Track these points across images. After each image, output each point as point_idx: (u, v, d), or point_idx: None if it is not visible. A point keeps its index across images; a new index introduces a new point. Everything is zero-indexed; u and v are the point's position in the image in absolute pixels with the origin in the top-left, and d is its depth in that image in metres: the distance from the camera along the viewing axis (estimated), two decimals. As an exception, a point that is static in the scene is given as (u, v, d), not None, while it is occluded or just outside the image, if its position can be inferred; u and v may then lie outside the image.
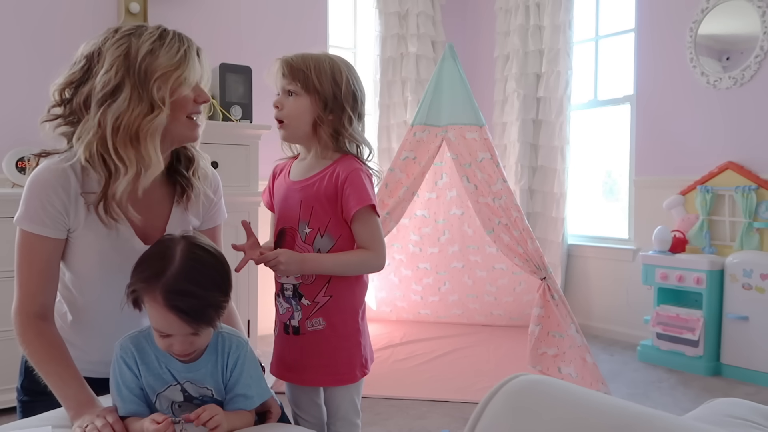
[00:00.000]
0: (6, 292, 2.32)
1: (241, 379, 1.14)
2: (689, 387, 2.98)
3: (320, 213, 1.33)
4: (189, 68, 1.20)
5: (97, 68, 1.16)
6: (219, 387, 1.15)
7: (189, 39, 1.23)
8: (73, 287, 1.27)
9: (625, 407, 0.65)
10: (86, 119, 1.16)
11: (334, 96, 1.33)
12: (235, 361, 1.14)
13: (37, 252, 1.18)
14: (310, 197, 1.33)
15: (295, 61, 1.33)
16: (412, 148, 3.18)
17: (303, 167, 1.40)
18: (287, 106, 1.34)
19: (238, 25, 3.73)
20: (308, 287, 1.35)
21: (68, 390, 1.13)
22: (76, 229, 1.20)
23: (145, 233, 1.26)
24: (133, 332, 1.15)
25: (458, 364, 3.26)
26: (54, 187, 1.16)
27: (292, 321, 1.37)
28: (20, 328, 1.18)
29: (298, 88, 1.32)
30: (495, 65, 4.50)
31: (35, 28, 3.07)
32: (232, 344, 1.16)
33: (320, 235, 1.33)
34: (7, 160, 2.73)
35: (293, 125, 1.35)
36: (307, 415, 1.45)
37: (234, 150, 3.02)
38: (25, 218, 1.17)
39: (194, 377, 1.13)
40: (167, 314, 1.04)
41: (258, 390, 1.17)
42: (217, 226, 1.43)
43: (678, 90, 3.58)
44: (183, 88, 1.20)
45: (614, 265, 3.92)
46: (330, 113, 1.33)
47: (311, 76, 1.31)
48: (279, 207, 1.40)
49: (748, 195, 3.15)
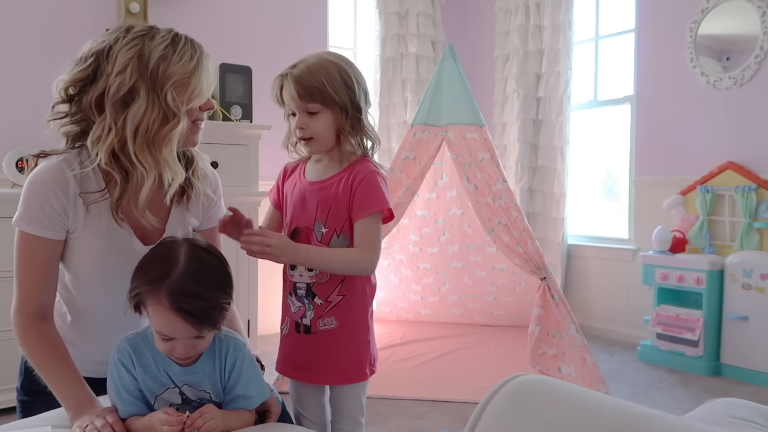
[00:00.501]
0: (6, 292, 2.33)
1: (239, 381, 1.14)
2: (689, 387, 2.98)
3: (337, 213, 1.33)
4: (202, 79, 1.21)
5: (108, 68, 1.14)
6: (217, 389, 1.14)
7: (200, 46, 1.23)
8: (73, 288, 1.27)
9: (625, 407, 0.65)
10: (100, 121, 1.15)
11: (351, 101, 1.33)
12: (233, 363, 1.14)
13: (36, 253, 1.18)
14: (328, 198, 1.34)
15: (306, 78, 1.29)
16: (412, 148, 3.18)
17: (320, 168, 1.40)
18: (311, 126, 1.32)
19: (238, 25, 3.73)
20: (322, 286, 1.35)
21: (68, 390, 1.13)
22: (75, 229, 1.20)
23: (144, 234, 1.26)
24: (130, 334, 1.15)
25: (458, 364, 3.26)
26: (53, 188, 1.16)
27: (304, 320, 1.37)
28: (20, 328, 1.18)
29: (318, 106, 1.31)
30: (495, 65, 4.50)
31: (35, 28, 3.07)
32: (229, 346, 1.15)
33: (336, 235, 1.33)
34: (7, 160, 2.74)
35: (321, 141, 1.34)
36: (311, 415, 1.46)
37: (234, 150, 3.02)
38: (23, 219, 1.17)
39: (192, 380, 1.13)
40: (172, 317, 1.03)
41: (257, 390, 1.16)
42: (216, 227, 1.43)
43: (678, 90, 3.58)
44: (197, 100, 1.21)
45: (614, 265, 3.92)
46: (350, 119, 1.34)
47: (328, 91, 1.29)
48: (293, 206, 1.40)
49: (748, 195, 3.15)
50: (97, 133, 1.14)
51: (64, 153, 1.21)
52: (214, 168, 1.48)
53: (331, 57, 1.36)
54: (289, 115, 1.36)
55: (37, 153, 1.22)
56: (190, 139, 1.26)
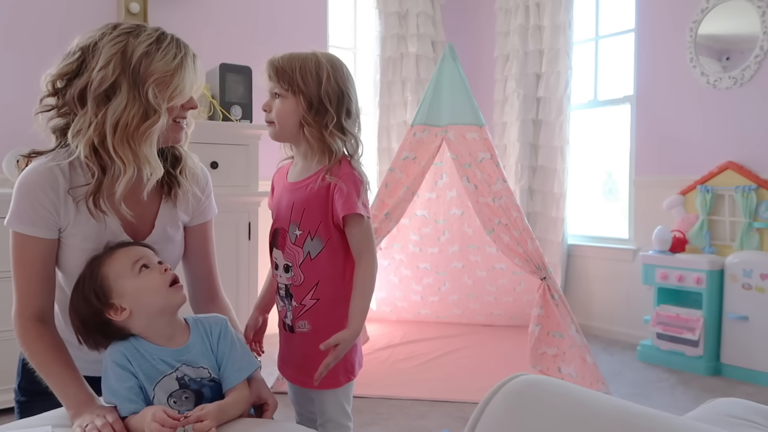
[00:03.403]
0: (5, 292, 2.32)
1: (228, 350, 1.19)
2: (689, 387, 2.98)
3: (310, 216, 1.32)
4: (185, 78, 1.21)
5: (92, 62, 1.16)
6: (213, 364, 1.18)
7: (186, 45, 1.23)
8: (66, 286, 1.27)
9: (625, 407, 0.65)
10: (82, 114, 1.16)
11: (319, 96, 1.31)
12: (219, 334, 1.20)
13: (30, 253, 1.18)
14: (301, 199, 1.33)
15: (281, 62, 1.33)
16: (412, 148, 3.18)
17: (298, 169, 1.39)
18: (274, 108, 1.34)
19: (238, 25, 3.74)
20: (297, 289, 1.34)
21: (68, 390, 1.13)
22: (66, 227, 1.20)
23: (134, 229, 1.26)
24: (115, 344, 1.15)
25: (458, 364, 3.26)
26: (43, 187, 1.16)
27: (286, 320, 1.38)
28: (20, 331, 1.18)
29: (284, 89, 1.32)
30: (495, 65, 4.50)
31: (35, 28, 3.07)
32: (211, 323, 1.22)
33: (310, 238, 1.32)
34: (7, 160, 2.74)
35: (282, 127, 1.34)
36: (306, 411, 1.46)
37: (234, 150, 3.01)
38: (16, 220, 1.17)
39: (188, 359, 1.15)
40: (127, 248, 1.18)
41: (246, 359, 1.21)
42: (208, 221, 1.43)
43: (678, 90, 3.58)
44: (179, 98, 1.22)
45: (614, 265, 3.92)
46: (315, 113, 1.32)
47: (296, 77, 1.30)
48: (276, 207, 1.40)
49: (748, 195, 3.15)
50: (78, 126, 1.15)
51: (53, 152, 1.21)
52: (214, 168, 1.48)
53: (321, 55, 1.35)
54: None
55: (29, 153, 1.22)
56: (172, 137, 1.26)
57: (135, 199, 1.24)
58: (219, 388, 1.17)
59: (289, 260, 1.33)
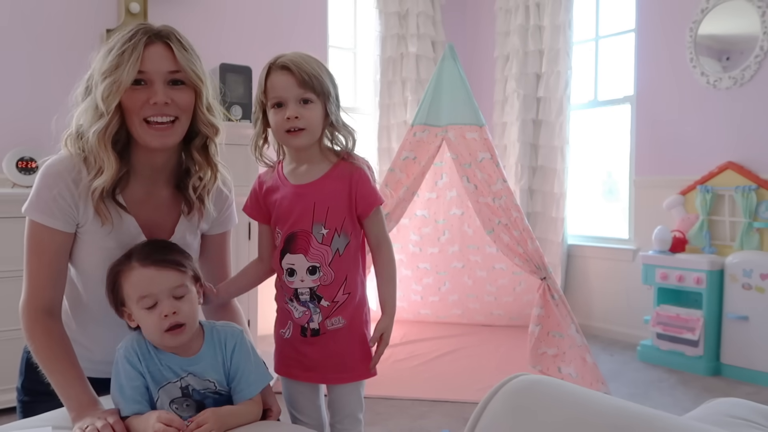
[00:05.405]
0: (6, 291, 2.32)
1: (241, 365, 1.17)
2: (689, 387, 2.98)
3: (336, 213, 1.33)
4: (127, 67, 1.12)
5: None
6: (221, 378, 1.16)
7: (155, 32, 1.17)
8: (78, 283, 1.27)
9: (625, 407, 0.65)
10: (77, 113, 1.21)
11: (336, 96, 1.34)
12: (233, 347, 1.18)
13: (46, 244, 1.17)
14: (324, 198, 1.32)
15: (304, 66, 1.28)
16: (412, 148, 3.18)
17: (305, 170, 1.36)
18: (305, 116, 1.28)
19: (238, 25, 3.74)
20: (327, 288, 1.34)
21: (71, 390, 1.13)
22: (84, 224, 1.20)
23: (152, 233, 1.26)
24: (132, 334, 1.16)
25: (458, 364, 3.26)
26: (65, 179, 1.17)
27: (311, 324, 1.35)
28: (28, 323, 1.18)
29: (313, 95, 1.29)
30: (495, 65, 4.50)
31: (35, 28, 3.07)
32: (227, 334, 1.19)
33: (338, 235, 1.33)
34: (7, 160, 2.73)
35: (313, 132, 1.31)
36: (305, 416, 1.44)
37: (234, 150, 2.97)
38: (35, 208, 1.17)
39: (196, 370, 1.14)
40: (144, 270, 1.11)
41: (258, 374, 1.19)
42: (227, 231, 1.44)
43: (678, 90, 3.58)
44: (120, 89, 1.13)
45: (614, 265, 3.92)
46: (331, 113, 1.33)
47: (324, 82, 1.30)
48: (284, 213, 1.35)
49: (748, 195, 3.15)
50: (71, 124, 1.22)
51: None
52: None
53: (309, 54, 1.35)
54: (273, 106, 1.31)
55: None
56: (146, 140, 1.18)
57: (156, 203, 1.25)
58: (223, 400, 1.16)
59: (317, 261, 1.32)
